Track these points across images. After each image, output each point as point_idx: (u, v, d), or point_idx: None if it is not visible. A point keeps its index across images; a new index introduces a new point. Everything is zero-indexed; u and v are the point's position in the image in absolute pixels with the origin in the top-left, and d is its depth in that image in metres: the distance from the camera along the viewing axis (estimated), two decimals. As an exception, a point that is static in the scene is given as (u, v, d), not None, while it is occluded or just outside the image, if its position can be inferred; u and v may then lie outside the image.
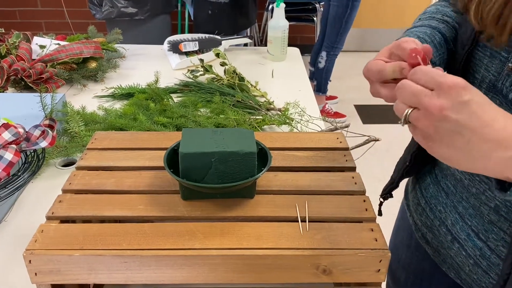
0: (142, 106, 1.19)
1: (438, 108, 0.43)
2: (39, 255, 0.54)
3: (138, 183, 0.67)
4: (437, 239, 0.74)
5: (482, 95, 0.44)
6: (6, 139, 0.85)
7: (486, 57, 0.60)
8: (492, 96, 0.58)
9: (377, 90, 0.53)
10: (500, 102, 0.57)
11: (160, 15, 2.53)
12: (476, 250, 0.65)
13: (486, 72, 0.59)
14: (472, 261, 0.66)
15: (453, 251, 0.70)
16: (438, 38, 0.65)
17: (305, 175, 0.70)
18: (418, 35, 0.65)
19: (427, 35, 0.65)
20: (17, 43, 1.38)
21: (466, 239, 0.66)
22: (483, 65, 0.60)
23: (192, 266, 0.55)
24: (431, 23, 0.68)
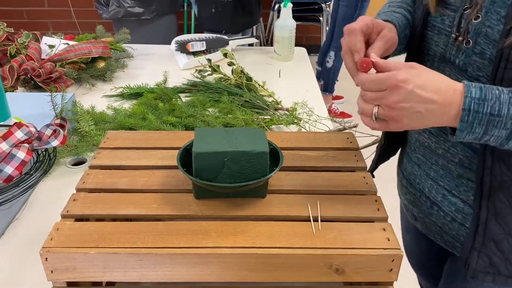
0: (151, 105, 1.20)
1: (394, 102, 0.56)
2: (56, 253, 0.55)
3: (151, 182, 0.67)
4: (421, 209, 0.80)
5: (421, 75, 0.56)
6: (19, 138, 0.86)
7: (435, 35, 0.70)
8: (444, 66, 0.69)
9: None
10: (449, 69, 0.68)
11: (166, 15, 2.54)
12: (451, 206, 0.73)
13: (436, 47, 0.70)
14: (449, 218, 0.74)
15: (434, 216, 0.77)
16: (407, 32, 0.76)
17: (316, 175, 0.70)
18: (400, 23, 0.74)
19: (403, 25, 0.74)
20: (27, 43, 1.39)
21: (442, 199, 0.75)
22: (433, 42, 0.71)
23: (206, 265, 0.56)
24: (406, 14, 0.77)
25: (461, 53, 0.65)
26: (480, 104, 0.55)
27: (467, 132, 0.57)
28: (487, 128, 0.56)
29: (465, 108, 0.55)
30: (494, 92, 0.56)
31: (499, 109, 0.55)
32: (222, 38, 1.65)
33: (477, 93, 0.56)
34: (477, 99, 0.56)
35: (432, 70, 0.59)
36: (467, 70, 0.65)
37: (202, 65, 1.48)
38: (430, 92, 0.55)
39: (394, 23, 0.72)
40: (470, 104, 0.55)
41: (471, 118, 0.56)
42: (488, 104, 0.55)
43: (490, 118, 0.55)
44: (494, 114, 0.55)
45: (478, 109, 0.55)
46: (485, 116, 0.55)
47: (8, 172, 0.82)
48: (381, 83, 0.57)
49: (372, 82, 0.58)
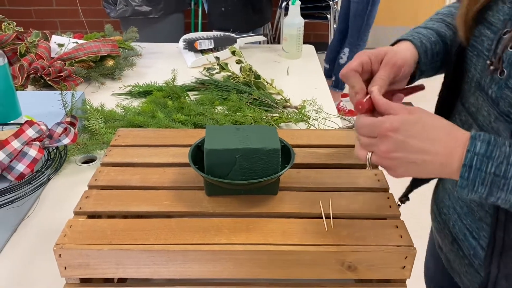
0: (160, 103, 1.20)
1: (385, 152, 0.52)
2: (69, 250, 0.55)
3: (163, 179, 0.68)
4: (444, 242, 0.74)
5: (417, 123, 0.52)
6: (30, 136, 0.86)
7: (474, 56, 0.62)
8: (479, 94, 0.60)
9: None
10: (483, 99, 0.59)
11: (173, 13, 2.54)
12: (470, 249, 0.66)
13: (474, 70, 0.62)
14: (467, 261, 0.67)
15: (454, 253, 0.71)
16: (438, 48, 0.69)
17: (327, 172, 0.70)
18: (422, 40, 0.68)
19: (430, 41, 0.68)
20: (36, 42, 1.40)
21: (463, 239, 0.67)
22: (472, 64, 0.62)
23: (218, 261, 0.56)
24: (439, 29, 0.70)
25: (494, 84, 0.57)
26: (484, 161, 0.49)
27: (469, 190, 0.51)
28: (491, 189, 0.50)
29: (466, 164, 0.50)
30: (503, 150, 0.49)
31: (506, 170, 0.49)
32: (230, 36, 1.65)
33: (482, 148, 0.50)
34: (481, 155, 0.49)
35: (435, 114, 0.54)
36: (499, 104, 0.56)
37: (210, 63, 1.48)
38: (425, 142, 0.51)
39: (411, 40, 0.67)
40: (472, 160, 0.50)
41: (472, 175, 0.50)
42: (493, 163, 0.49)
43: (495, 179, 0.49)
44: (500, 175, 0.49)
45: (481, 167, 0.49)
46: (488, 175, 0.49)
47: (20, 169, 0.83)
48: (372, 129, 0.54)
49: (365, 128, 0.55)
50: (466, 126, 0.63)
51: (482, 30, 0.60)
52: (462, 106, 0.65)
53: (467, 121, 0.63)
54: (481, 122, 0.60)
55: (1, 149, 0.82)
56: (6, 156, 0.82)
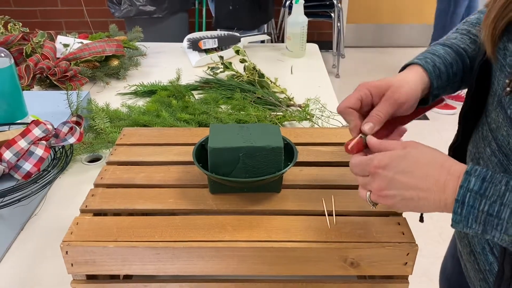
0: (165, 103, 1.21)
1: (378, 190, 0.53)
2: (76, 247, 0.56)
3: (167, 177, 0.68)
4: (463, 251, 0.72)
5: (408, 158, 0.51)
6: (37, 135, 0.87)
7: (497, 70, 0.58)
8: (499, 111, 0.57)
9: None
10: (503, 117, 0.56)
11: (178, 13, 2.55)
12: (486, 265, 0.64)
13: (497, 85, 0.58)
14: (482, 276, 0.65)
15: (470, 265, 0.69)
16: (455, 68, 0.65)
17: (330, 169, 0.71)
18: (435, 62, 0.64)
19: (445, 63, 0.65)
20: (42, 42, 1.41)
21: (481, 252, 0.65)
22: (496, 77, 0.59)
23: (222, 258, 0.56)
24: (460, 45, 0.67)
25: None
26: (477, 199, 0.48)
27: (464, 226, 0.49)
28: (485, 228, 0.48)
29: (459, 200, 0.48)
30: (497, 189, 0.47)
31: (499, 210, 0.47)
32: (234, 35, 1.66)
33: (476, 185, 0.48)
34: (475, 192, 0.48)
35: (429, 147, 0.53)
36: None
37: (214, 62, 1.49)
38: (416, 178, 0.50)
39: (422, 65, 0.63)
40: (465, 196, 0.48)
41: (465, 212, 0.48)
42: (486, 201, 0.47)
43: (488, 218, 0.47)
44: (493, 214, 0.47)
45: (474, 204, 0.48)
46: (481, 214, 0.48)
47: (26, 168, 0.84)
48: (363, 168, 0.54)
49: (356, 167, 0.55)
50: (486, 142, 0.60)
51: (506, 43, 0.55)
52: (485, 119, 0.62)
53: (487, 136, 0.61)
54: (500, 141, 0.57)
55: (8, 148, 0.84)
56: (13, 155, 0.84)
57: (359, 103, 0.60)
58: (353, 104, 0.60)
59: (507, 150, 0.55)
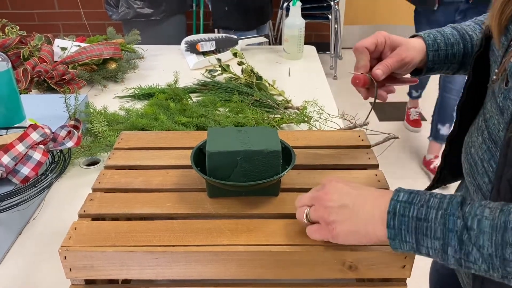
0: (163, 106, 1.21)
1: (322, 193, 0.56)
2: (74, 252, 0.56)
3: (166, 181, 0.68)
4: None
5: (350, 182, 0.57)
6: (35, 139, 0.87)
7: (493, 62, 0.61)
8: (493, 101, 0.59)
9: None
10: (495, 106, 0.58)
11: (175, 15, 2.55)
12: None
13: (493, 76, 0.60)
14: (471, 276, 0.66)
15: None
16: (455, 50, 0.71)
17: (328, 172, 0.71)
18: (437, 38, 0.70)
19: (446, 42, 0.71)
20: (39, 46, 1.41)
21: None
22: (492, 70, 0.61)
23: (221, 262, 0.56)
24: (468, 31, 0.72)
25: (500, 93, 0.56)
26: (406, 207, 0.51)
27: (400, 241, 0.51)
28: (417, 236, 0.50)
29: (390, 210, 0.51)
30: (423, 197, 0.51)
31: (426, 213, 0.50)
32: (231, 37, 1.66)
33: (404, 197, 0.52)
34: (403, 202, 0.51)
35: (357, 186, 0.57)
36: (503, 114, 0.56)
37: (212, 65, 1.49)
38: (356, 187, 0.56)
39: (423, 38, 0.69)
40: (395, 206, 0.51)
41: (397, 222, 0.51)
42: (414, 207, 0.51)
43: (418, 223, 0.50)
44: (421, 218, 0.50)
45: (404, 212, 0.51)
46: (411, 220, 0.50)
47: (24, 173, 0.84)
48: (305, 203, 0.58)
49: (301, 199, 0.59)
50: (479, 132, 0.62)
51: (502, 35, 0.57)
52: (482, 111, 0.64)
53: (481, 126, 0.62)
54: (491, 129, 0.59)
55: (6, 152, 0.84)
56: (11, 160, 0.83)
57: (374, 47, 0.68)
58: (369, 45, 0.67)
59: (496, 137, 0.57)
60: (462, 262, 0.48)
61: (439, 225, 0.48)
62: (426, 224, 0.49)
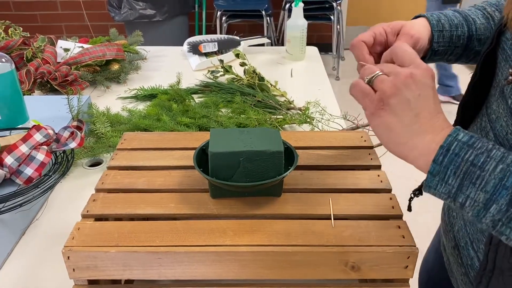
0: (165, 106, 1.21)
1: (408, 73, 0.48)
2: (77, 252, 0.56)
3: (168, 182, 0.69)
4: (447, 245, 0.73)
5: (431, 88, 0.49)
6: (38, 140, 0.88)
7: (502, 60, 0.58)
8: (501, 102, 0.57)
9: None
10: (504, 108, 0.56)
11: (177, 16, 2.56)
12: (468, 260, 0.65)
13: (501, 75, 0.58)
14: (463, 270, 0.66)
15: (453, 258, 0.70)
16: (459, 32, 0.67)
17: (330, 173, 0.71)
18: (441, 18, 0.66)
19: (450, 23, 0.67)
20: (42, 47, 1.42)
21: (464, 246, 0.66)
22: (500, 68, 0.59)
23: (224, 262, 0.57)
24: (470, 14, 0.69)
25: None
26: (463, 148, 0.46)
27: (440, 180, 0.47)
28: (463, 182, 0.46)
29: (444, 145, 0.46)
30: (485, 144, 0.46)
31: (485, 162, 0.45)
32: (234, 38, 1.66)
33: (465, 138, 0.47)
34: (462, 142, 0.46)
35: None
36: None
37: (214, 66, 1.50)
38: (437, 107, 0.49)
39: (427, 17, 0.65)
40: (451, 144, 0.46)
41: (447, 160, 0.46)
42: (473, 151, 0.45)
43: (470, 168, 0.45)
44: (476, 164, 0.45)
45: (459, 152, 0.46)
46: (464, 163, 0.45)
47: (28, 173, 0.84)
48: (415, 57, 0.50)
49: (403, 50, 0.51)
50: (484, 133, 0.61)
51: None
52: (485, 111, 0.62)
53: (485, 127, 0.61)
54: (498, 131, 0.57)
55: (9, 153, 0.84)
56: (15, 160, 0.84)
57: (372, 40, 0.63)
58: (366, 38, 0.63)
59: (504, 140, 0.56)
60: (499, 225, 0.44)
61: (495, 178, 0.44)
62: (479, 173, 0.45)
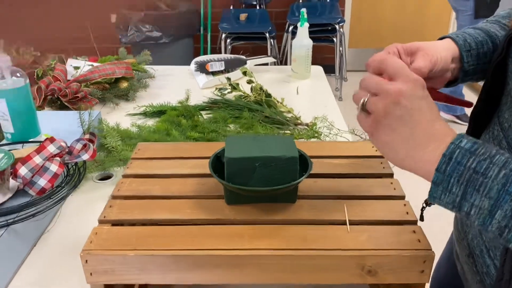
0: (174, 122, 1.23)
1: (397, 90, 0.49)
2: (95, 255, 0.56)
3: (184, 189, 0.69)
4: (461, 253, 0.73)
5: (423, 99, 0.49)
6: (51, 151, 0.89)
7: None
8: None
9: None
10: None
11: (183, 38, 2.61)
12: (484, 267, 0.64)
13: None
14: (479, 277, 0.65)
15: (468, 267, 0.69)
16: (486, 48, 0.66)
17: (344, 181, 0.72)
18: (466, 38, 0.65)
19: (476, 41, 0.66)
20: (53, 65, 1.44)
21: (479, 255, 0.65)
22: (511, 77, 0.59)
23: (244, 266, 0.57)
24: (491, 29, 0.68)
25: None
26: (466, 156, 0.45)
27: (443, 190, 0.47)
28: (466, 190, 0.45)
29: (446, 153, 0.46)
30: (488, 150, 0.45)
31: (487, 168, 0.44)
32: (240, 57, 1.69)
33: (467, 145, 0.46)
34: (465, 150, 0.46)
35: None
36: None
37: (221, 84, 1.52)
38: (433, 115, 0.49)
39: (453, 38, 0.64)
40: (454, 151, 0.46)
41: (449, 169, 0.46)
42: (475, 158, 0.45)
43: (473, 176, 0.45)
44: (479, 172, 0.44)
45: (462, 160, 0.45)
46: (467, 171, 0.45)
47: (41, 184, 0.85)
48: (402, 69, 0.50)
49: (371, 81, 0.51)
50: (496, 142, 0.61)
51: None
52: (497, 119, 0.62)
53: (498, 136, 0.61)
54: (511, 139, 0.57)
55: (23, 164, 0.85)
56: (29, 171, 0.84)
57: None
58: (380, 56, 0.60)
59: None
60: (505, 231, 0.44)
61: (497, 184, 0.43)
62: (482, 179, 0.44)
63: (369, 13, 4.03)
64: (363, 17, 4.04)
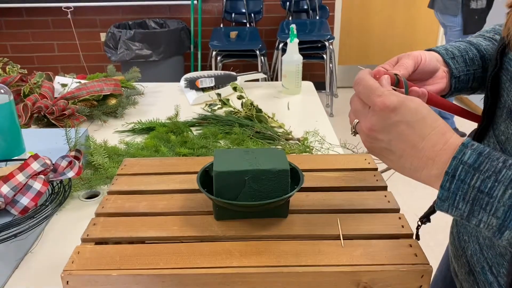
0: (163, 138, 1.20)
1: (368, 128, 0.49)
2: (77, 276, 0.53)
3: (171, 205, 0.67)
4: (460, 270, 0.70)
5: (417, 113, 0.47)
6: (35, 169, 0.86)
7: (507, 81, 0.57)
8: (509, 122, 0.56)
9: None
10: None
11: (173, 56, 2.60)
12: (486, 285, 0.62)
13: (507, 96, 0.57)
14: None
15: (468, 285, 0.67)
16: (471, 54, 0.66)
17: (336, 194, 0.70)
18: (447, 48, 0.67)
19: (458, 49, 0.67)
20: (40, 83, 1.42)
21: (480, 271, 0.63)
22: (505, 89, 0.58)
23: (231, 285, 0.54)
24: (472, 40, 0.69)
25: None
26: (469, 173, 0.44)
27: (449, 206, 0.46)
28: (473, 208, 0.44)
29: (449, 171, 0.45)
30: (494, 164, 0.43)
31: (492, 187, 0.43)
32: (230, 74, 1.68)
33: (471, 158, 0.44)
34: (468, 165, 0.44)
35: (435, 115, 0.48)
36: None
37: (212, 100, 1.50)
38: (418, 135, 0.47)
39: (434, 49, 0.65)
40: (456, 168, 0.44)
41: (454, 187, 0.44)
42: (479, 176, 0.43)
43: (478, 195, 0.43)
44: (484, 191, 0.43)
45: (465, 178, 0.44)
46: (471, 190, 0.43)
47: (24, 203, 0.82)
48: (370, 95, 0.49)
49: (364, 89, 0.50)
50: None
51: None
52: (493, 132, 0.61)
53: (494, 148, 0.58)
54: (509, 152, 0.55)
55: (5, 182, 0.82)
56: (11, 190, 0.81)
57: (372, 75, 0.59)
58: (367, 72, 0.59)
59: None
60: None
61: (504, 205, 0.42)
62: (488, 199, 0.43)
63: (358, 31, 4.08)
64: (353, 34, 4.08)
